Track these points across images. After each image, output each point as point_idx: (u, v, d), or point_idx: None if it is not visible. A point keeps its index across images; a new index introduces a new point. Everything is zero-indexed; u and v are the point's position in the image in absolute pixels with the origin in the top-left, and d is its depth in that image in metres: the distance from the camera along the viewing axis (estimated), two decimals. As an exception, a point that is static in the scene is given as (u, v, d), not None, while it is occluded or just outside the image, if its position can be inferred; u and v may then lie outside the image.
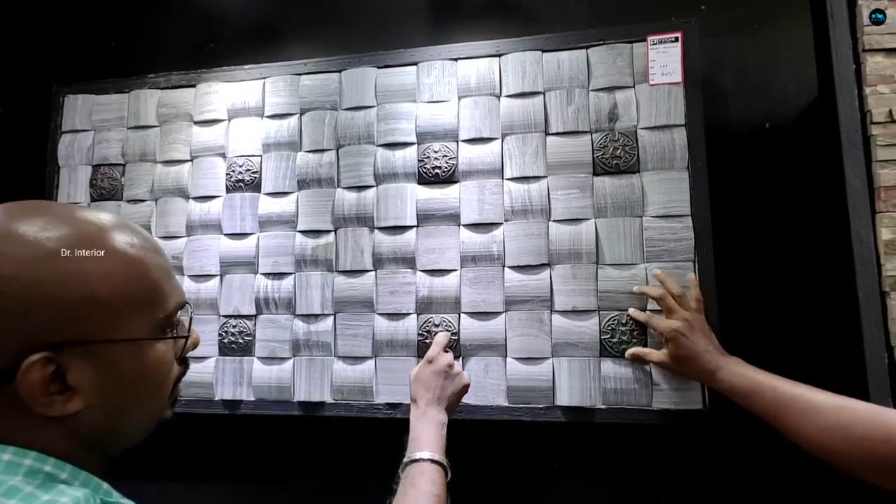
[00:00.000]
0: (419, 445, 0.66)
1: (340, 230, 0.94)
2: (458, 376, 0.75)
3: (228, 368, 0.94)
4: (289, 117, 0.99)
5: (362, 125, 0.96)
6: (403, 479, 0.63)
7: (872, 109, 0.74)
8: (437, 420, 0.70)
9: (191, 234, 0.99)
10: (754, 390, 0.65)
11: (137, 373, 0.42)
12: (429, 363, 0.75)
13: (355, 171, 0.95)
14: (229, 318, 0.96)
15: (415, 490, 0.60)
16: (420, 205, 0.92)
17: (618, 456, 0.88)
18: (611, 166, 0.86)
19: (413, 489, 0.60)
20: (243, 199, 0.98)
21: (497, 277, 0.88)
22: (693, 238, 0.82)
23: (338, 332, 0.92)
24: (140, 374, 0.42)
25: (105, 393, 0.40)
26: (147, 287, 0.42)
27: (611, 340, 0.83)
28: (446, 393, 0.73)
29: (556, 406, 0.84)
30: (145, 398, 0.44)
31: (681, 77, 0.85)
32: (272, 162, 0.98)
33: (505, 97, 0.92)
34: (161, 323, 0.44)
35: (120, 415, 0.42)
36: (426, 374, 0.74)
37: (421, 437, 0.67)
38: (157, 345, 0.43)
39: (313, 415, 0.91)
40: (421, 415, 0.70)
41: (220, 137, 1.01)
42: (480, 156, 0.91)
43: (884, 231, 0.72)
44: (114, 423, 0.42)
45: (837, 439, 0.55)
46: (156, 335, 0.43)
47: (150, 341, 0.42)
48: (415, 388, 0.74)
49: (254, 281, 0.96)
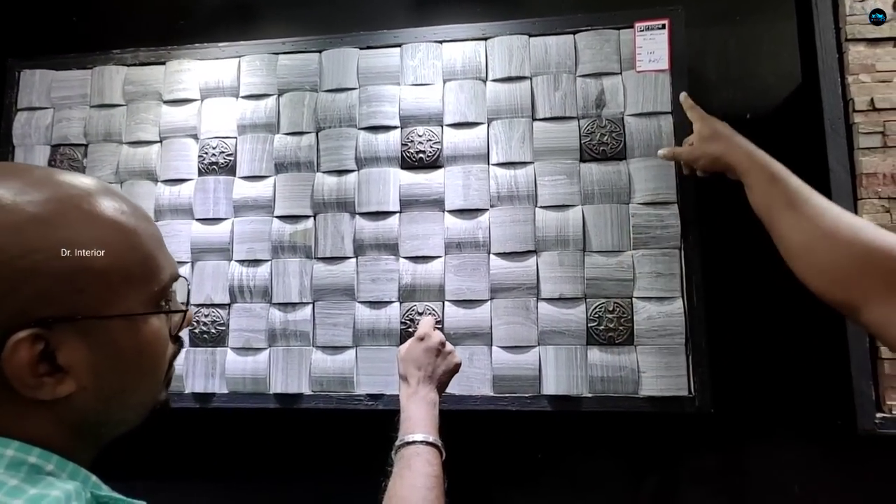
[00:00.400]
0: (412, 426, 0.63)
1: (320, 215, 0.91)
2: (450, 355, 0.72)
3: (200, 360, 0.89)
4: (266, 98, 0.95)
5: (343, 107, 0.92)
6: (398, 462, 0.60)
7: (855, 98, 0.75)
8: (429, 399, 0.68)
9: (159, 218, 0.94)
10: (783, 177, 0.61)
11: (133, 351, 0.38)
12: (420, 340, 0.72)
13: (336, 154, 0.92)
14: (201, 307, 0.91)
15: (411, 472, 0.57)
16: (403, 190, 0.89)
17: (604, 444, 0.87)
18: (598, 153, 0.86)
19: (409, 471, 0.58)
20: (217, 183, 0.93)
21: (482, 264, 0.86)
22: (679, 225, 0.82)
23: (317, 322, 0.89)
24: (136, 353, 0.38)
25: (99, 374, 0.36)
26: (141, 257, 0.38)
27: (598, 328, 0.82)
28: (438, 371, 0.70)
29: (542, 395, 0.82)
30: (141, 379, 0.40)
31: (667, 64, 0.85)
32: (248, 144, 0.94)
33: (491, 81, 0.90)
34: (156, 296, 0.40)
35: (114, 398, 0.38)
36: (417, 351, 0.71)
37: (413, 417, 0.64)
38: (153, 320, 0.39)
39: (290, 407, 0.88)
40: (412, 393, 0.67)
41: (191, 118, 0.96)
42: (466, 140, 0.89)
43: (865, 217, 0.73)
44: (107, 407, 0.38)
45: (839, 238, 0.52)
46: (151, 310, 0.39)
47: (145, 317, 0.38)
48: (405, 366, 0.71)
49: (228, 268, 0.91)
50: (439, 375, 0.70)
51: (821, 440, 0.80)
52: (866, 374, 0.70)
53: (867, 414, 0.69)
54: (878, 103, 0.74)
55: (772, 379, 0.81)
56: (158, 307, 0.40)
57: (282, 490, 0.93)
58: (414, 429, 0.62)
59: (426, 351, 0.70)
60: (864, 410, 0.69)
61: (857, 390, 0.70)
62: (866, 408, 0.69)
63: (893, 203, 0.73)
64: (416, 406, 0.65)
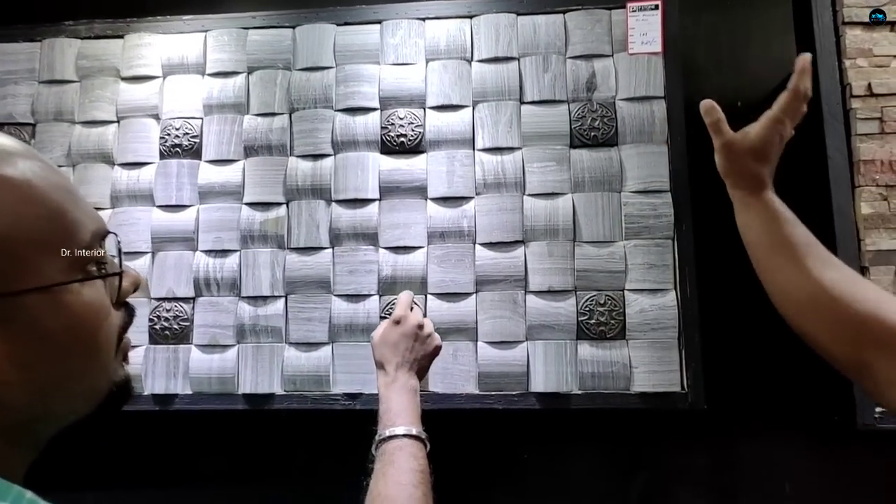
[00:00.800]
0: (393, 418, 0.58)
1: (293, 203, 0.85)
2: (429, 338, 0.68)
3: (160, 358, 0.82)
4: (234, 76, 0.88)
5: (319, 87, 0.86)
6: (380, 458, 0.55)
7: (852, 82, 0.73)
8: (409, 386, 0.63)
9: (116, 205, 0.86)
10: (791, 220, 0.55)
11: (64, 330, 0.32)
12: (396, 324, 0.67)
13: (311, 137, 0.85)
14: (162, 301, 0.84)
15: (395, 469, 0.53)
16: (383, 176, 0.83)
17: (594, 442, 0.83)
18: (589, 138, 0.82)
19: (393, 468, 0.53)
20: (180, 167, 0.86)
21: (467, 255, 0.81)
22: (673, 214, 0.79)
23: (290, 316, 0.82)
24: (68, 332, 0.32)
25: (24, 364, 0.30)
26: (48, 214, 0.32)
27: (588, 322, 0.78)
28: (417, 356, 0.65)
29: (530, 392, 0.78)
30: (85, 362, 0.33)
31: (661, 46, 0.82)
32: (215, 125, 0.87)
33: (477, 62, 0.85)
34: (81, 261, 0.33)
35: (54, 390, 0.32)
36: (394, 335, 0.66)
37: (394, 407, 0.59)
38: (83, 290, 0.33)
39: (261, 409, 0.81)
40: (391, 381, 0.62)
41: (152, 96, 0.88)
42: (450, 124, 0.84)
43: (863, 205, 0.71)
44: (45, 401, 0.32)
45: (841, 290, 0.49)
46: (74, 277, 0.32)
47: (69, 286, 0.32)
48: (381, 352, 0.66)
49: (192, 259, 0.84)
50: (419, 359, 0.66)
51: (818, 436, 0.77)
52: (865, 368, 0.68)
53: (867, 408, 0.67)
54: (876, 88, 0.72)
55: (767, 373, 0.79)
56: (86, 273, 0.33)
57: (251, 498, 0.86)
58: (395, 421, 0.57)
59: (404, 335, 0.66)
60: (864, 405, 0.67)
61: (857, 385, 0.67)
62: (866, 402, 0.67)
63: (891, 191, 0.71)
64: (396, 395, 0.60)
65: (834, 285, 0.50)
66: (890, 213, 0.71)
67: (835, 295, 0.49)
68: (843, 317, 0.48)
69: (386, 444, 0.56)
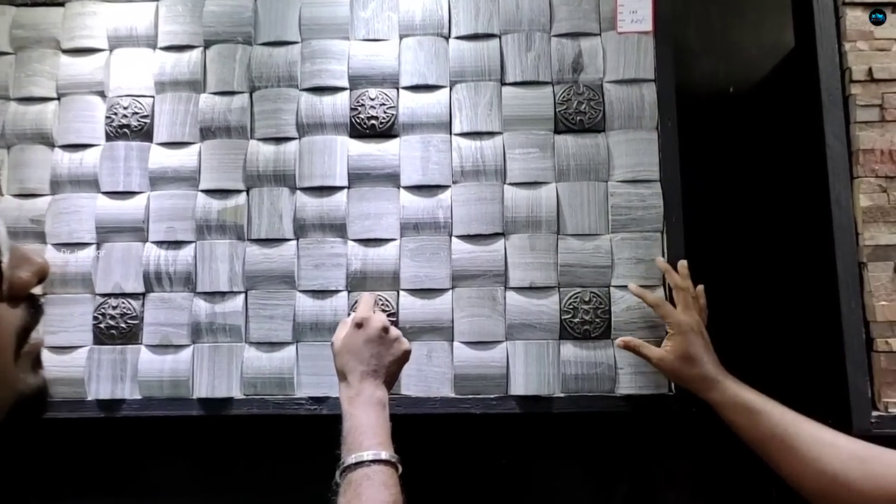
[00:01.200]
0: (359, 439, 0.52)
1: (254, 190, 0.78)
2: (395, 342, 0.62)
3: (105, 360, 0.75)
4: (189, 50, 0.80)
5: (283, 64, 0.79)
6: (345, 490, 0.49)
7: (852, 67, 0.68)
8: (376, 399, 0.57)
9: (57, 191, 0.78)
10: (760, 410, 0.57)
11: None
12: (358, 327, 0.61)
13: (273, 119, 0.78)
14: (108, 297, 0.76)
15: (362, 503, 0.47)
16: (352, 162, 0.77)
17: (577, 447, 0.79)
18: (574, 123, 0.76)
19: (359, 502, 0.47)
20: (129, 150, 0.78)
21: (443, 249, 0.75)
22: (662, 206, 0.74)
23: (250, 314, 0.76)
24: None
25: None
26: None
27: (572, 321, 0.73)
28: (384, 362, 0.59)
29: (509, 396, 0.73)
30: None
31: (651, 25, 0.76)
32: (167, 105, 0.79)
33: (455, 39, 0.79)
34: None
35: None
36: (357, 341, 0.60)
37: (359, 425, 0.53)
38: None
39: (218, 414, 0.75)
40: (355, 395, 0.56)
41: (97, 71, 0.80)
42: (425, 106, 0.77)
43: (862, 197, 0.67)
44: None
45: (856, 474, 0.48)
46: None
47: None
48: (343, 360, 0.60)
49: (142, 251, 0.77)
50: (386, 366, 0.60)
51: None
52: (862, 370, 0.64)
53: (863, 412, 0.63)
54: (877, 73, 0.68)
55: (759, 376, 0.74)
56: None
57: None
58: (361, 442, 0.52)
59: (367, 341, 0.60)
60: (860, 409, 0.64)
61: (852, 387, 0.64)
62: (862, 406, 0.64)
63: (891, 182, 0.67)
64: (362, 411, 0.55)
65: (846, 472, 0.49)
66: (889, 205, 0.67)
67: (850, 482, 0.48)
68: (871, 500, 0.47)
69: (352, 473, 0.50)
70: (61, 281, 0.76)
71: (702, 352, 0.63)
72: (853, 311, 0.65)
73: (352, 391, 0.58)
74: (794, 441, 0.53)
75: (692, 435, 0.77)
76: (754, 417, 0.57)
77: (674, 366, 0.64)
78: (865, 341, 0.65)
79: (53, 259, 0.76)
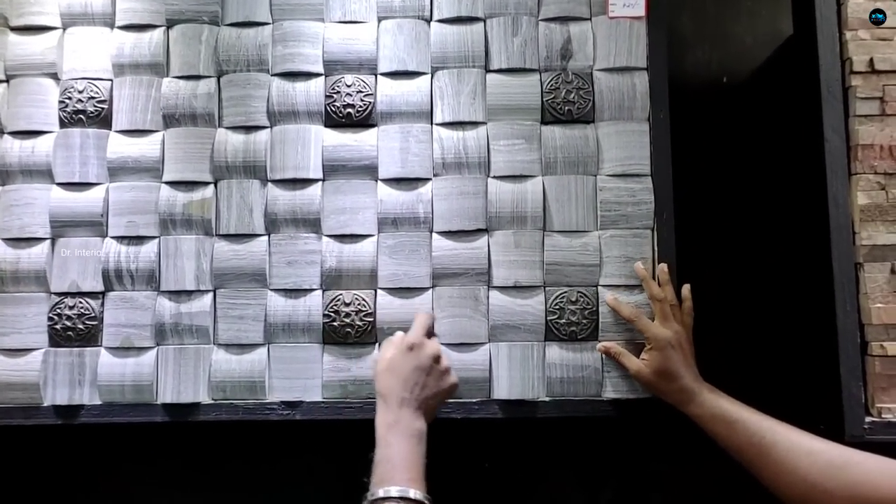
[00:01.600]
0: (390, 473, 0.49)
1: (222, 182, 0.73)
2: (444, 374, 0.60)
3: (62, 364, 0.70)
4: (150, 30, 0.74)
5: (252, 47, 0.74)
6: None
7: (853, 57, 0.65)
8: (414, 430, 0.54)
9: (6, 181, 0.73)
10: (738, 420, 0.56)
11: None
12: (410, 350, 0.58)
13: (242, 106, 0.73)
14: (64, 296, 0.71)
15: None
16: (327, 153, 0.72)
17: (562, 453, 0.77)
18: (562, 113, 0.72)
19: None
20: (85, 138, 0.73)
21: (423, 245, 0.71)
22: (653, 202, 0.71)
23: (218, 314, 0.71)
24: None
25: None
26: None
27: (558, 321, 0.70)
28: (428, 394, 0.57)
29: (492, 400, 0.70)
30: None
31: (644, 10, 0.72)
32: (127, 89, 0.74)
33: (437, 22, 0.74)
34: None
35: None
36: (406, 365, 0.57)
37: (393, 457, 0.50)
38: None
39: (184, 420, 0.71)
40: (393, 422, 0.53)
41: (49, 52, 0.74)
42: (404, 94, 0.73)
43: (860, 195, 0.64)
44: None
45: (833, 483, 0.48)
46: None
47: None
48: (386, 381, 0.56)
49: (101, 247, 0.72)
50: (428, 398, 0.57)
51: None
52: (856, 374, 0.62)
53: (856, 418, 0.61)
54: (878, 64, 0.65)
55: (750, 380, 0.72)
56: None
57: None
58: (392, 476, 0.49)
59: (417, 368, 0.57)
60: (853, 414, 0.61)
61: (845, 391, 0.62)
62: (855, 411, 0.61)
63: (890, 179, 0.65)
64: (397, 439, 0.52)
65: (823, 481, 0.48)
66: (888, 203, 0.64)
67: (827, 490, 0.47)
68: None
69: None
70: (13, 279, 0.71)
71: (679, 366, 0.62)
72: (848, 314, 0.62)
73: (391, 417, 0.55)
74: (772, 449, 0.53)
75: (679, 438, 0.75)
76: (732, 427, 0.56)
77: (650, 380, 0.63)
78: (860, 345, 0.63)
79: (3, 255, 0.71)
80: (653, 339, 0.63)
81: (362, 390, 0.69)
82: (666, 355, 0.62)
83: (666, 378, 0.62)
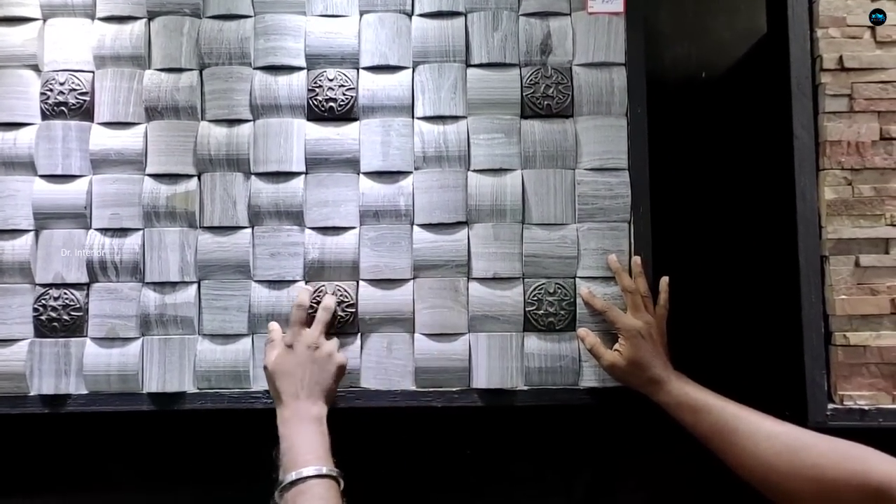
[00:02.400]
0: (295, 459, 0.51)
1: (206, 175, 0.73)
2: (328, 359, 0.62)
3: (48, 354, 0.71)
4: (131, 22, 0.74)
5: (234, 40, 0.74)
6: None
7: (823, 54, 0.67)
8: (311, 416, 0.56)
9: (-11, 173, 0.73)
10: (702, 407, 0.59)
11: None
12: (289, 348, 0.61)
13: (225, 99, 0.74)
14: (49, 287, 0.72)
15: None
16: (310, 146, 0.73)
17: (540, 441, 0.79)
18: (542, 108, 0.73)
19: None
20: (67, 130, 0.73)
21: (404, 237, 0.72)
22: (630, 195, 0.72)
23: (203, 305, 0.72)
24: None
25: None
26: None
27: (536, 312, 0.72)
28: (316, 380, 0.59)
29: (472, 389, 0.71)
30: None
31: (622, 6, 0.73)
32: (108, 81, 0.74)
33: (418, 16, 0.74)
34: None
35: None
36: (288, 364, 0.60)
37: (295, 445, 0.52)
38: None
39: (170, 409, 0.72)
40: (290, 416, 0.56)
41: (29, 43, 0.74)
42: (386, 88, 0.74)
43: (827, 190, 0.66)
44: None
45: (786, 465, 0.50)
46: None
47: None
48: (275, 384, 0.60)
49: (85, 238, 0.72)
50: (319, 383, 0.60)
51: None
52: (820, 363, 0.64)
53: (819, 405, 0.64)
54: (847, 62, 0.66)
55: (719, 368, 0.74)
56: None
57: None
58: (297, 460, 0.50)
59: (298, 364, 0.60)
60: (816, 401, 0.64)
61: (809, 379, 0.64)
62: (818, 398, 0.64)
63: (856, 175, 0.66)
64: (296, 429, 0.54)
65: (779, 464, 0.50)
66: (853, 199, 0.66)
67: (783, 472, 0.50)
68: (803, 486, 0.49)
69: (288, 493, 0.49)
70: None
71: (649, 356, 0.63)
72: (814, 304, 0.65)
73: (287, 413, 0.57)
74: (734, 435, 0.55)
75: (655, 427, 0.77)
76: (697, 414, 0.59)
77: (623, 371, 0.65)
78: (824, 335, 0.65)
79: (-12, 247, 0.72)
80: (623, 330, 0.65)
81: (344, 379, 0.71)
82: (636, 345, 0.64)
83: (637, 368, 0.64)
